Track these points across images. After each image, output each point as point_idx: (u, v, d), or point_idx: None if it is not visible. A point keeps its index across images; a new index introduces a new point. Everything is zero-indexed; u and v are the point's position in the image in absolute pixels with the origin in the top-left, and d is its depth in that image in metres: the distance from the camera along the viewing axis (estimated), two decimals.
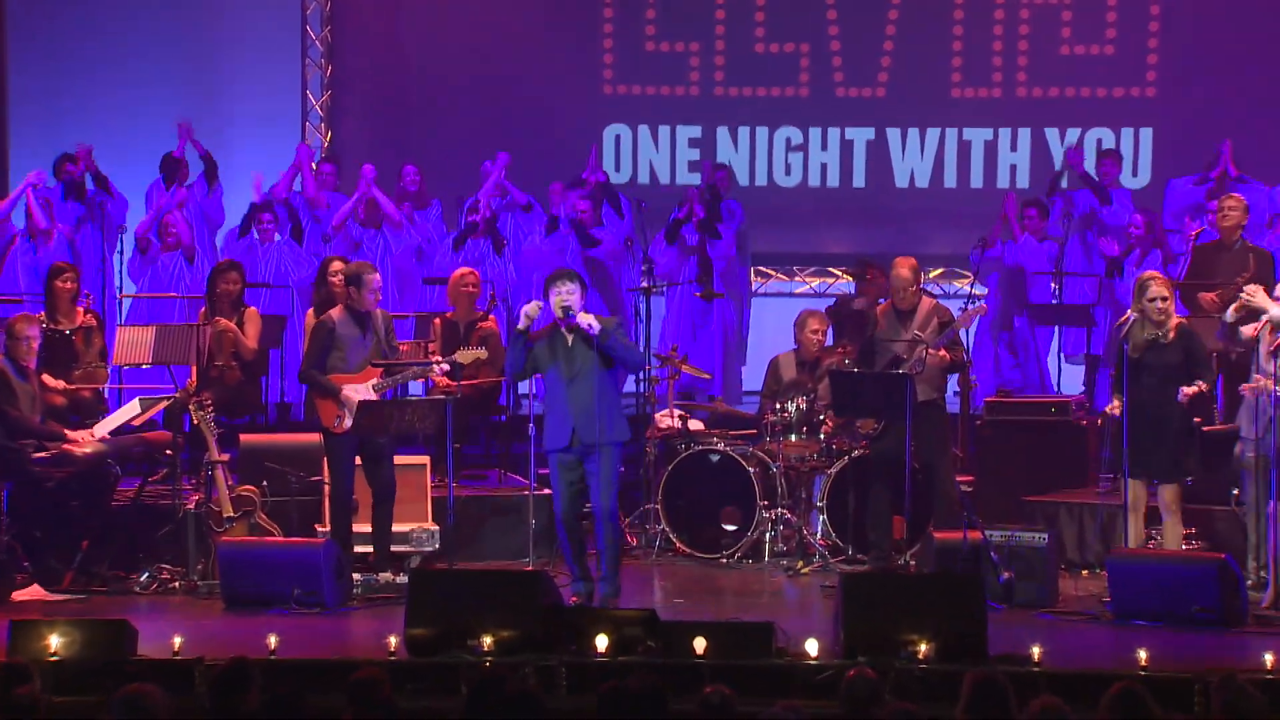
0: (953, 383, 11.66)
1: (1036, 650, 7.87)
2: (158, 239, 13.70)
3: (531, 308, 9.48)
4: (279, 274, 13.84)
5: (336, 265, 11.13)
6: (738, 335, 14.52)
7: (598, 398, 9.37)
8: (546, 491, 11.35)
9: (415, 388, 11.76)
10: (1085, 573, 10.72)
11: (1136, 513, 9.80)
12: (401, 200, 14.35)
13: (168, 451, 10.88)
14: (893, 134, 15.96)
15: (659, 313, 14.16)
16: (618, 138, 16.03)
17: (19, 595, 9.97)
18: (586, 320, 9.39)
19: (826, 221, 16.04)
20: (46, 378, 11.41)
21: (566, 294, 9.44)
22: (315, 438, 10.61)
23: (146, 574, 10.36)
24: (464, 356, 10.69)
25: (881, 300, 11.61)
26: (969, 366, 11.20)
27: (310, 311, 11.03)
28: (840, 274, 15.83)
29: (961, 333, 10.85)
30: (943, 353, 10.44)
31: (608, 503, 9.44)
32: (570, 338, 9.49)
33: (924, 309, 10.66)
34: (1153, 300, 9.80)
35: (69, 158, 14.01)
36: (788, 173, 16.09)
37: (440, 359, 10.52)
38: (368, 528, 10.35)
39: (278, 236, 13.98)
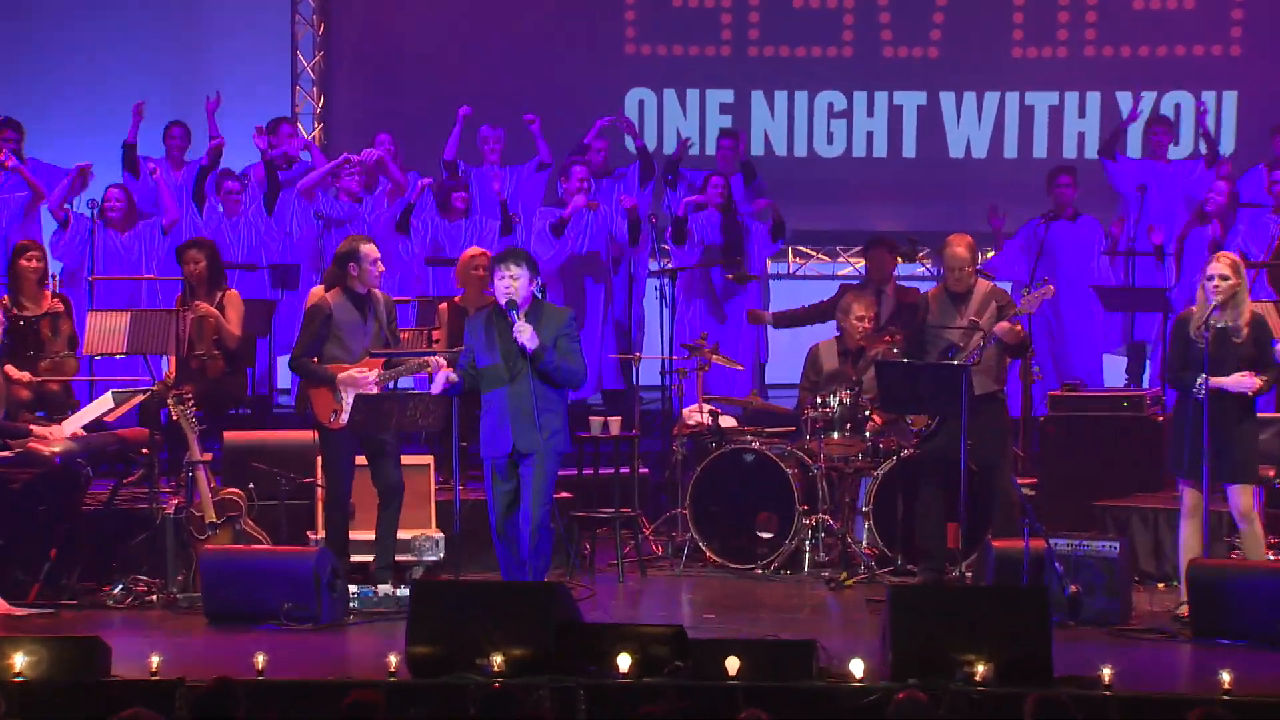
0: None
1: (1107, 672, 7.86)
2: (100, 217, 13.66)
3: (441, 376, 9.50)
4: (251, 252, 13.82)
5: (352, 236, 11.03)
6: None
7: (538, 403, 9.29)
8: (564, 495, 11.43)
9: (410, 380, 11.75)
10: (1162, 586, 10.70)
11: (1195, 518, 9.77)
12: (372, 173, 14.29)
13: (144, 450, 10.91)
14: (947, 98, 15.94)
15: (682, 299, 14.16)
16: (641, 103, 16.03)
17: None
18: (523, 336, 9.25)
19: (873, 196, 16.03)
20: (10, 369, 11.45)
21: (510, 280, 9.32)
22: (308, 435, 10.63)
23: (121, 586, 10.39)
24: None
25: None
26: (1032, 353, 11.14)
27: (317, 289, 10.97)
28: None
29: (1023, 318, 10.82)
30: (1017, 326, 10.37)
31: (539, 514, 9.34)
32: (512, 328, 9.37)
33: (980, 292, 10.63)
34: (1210, 278, 9.73)
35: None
36: (830, 142, 16.09)
37: (447, 350, 10.51)
38: (365, 535, 10.38)
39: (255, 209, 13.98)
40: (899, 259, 12.83)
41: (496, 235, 13.89)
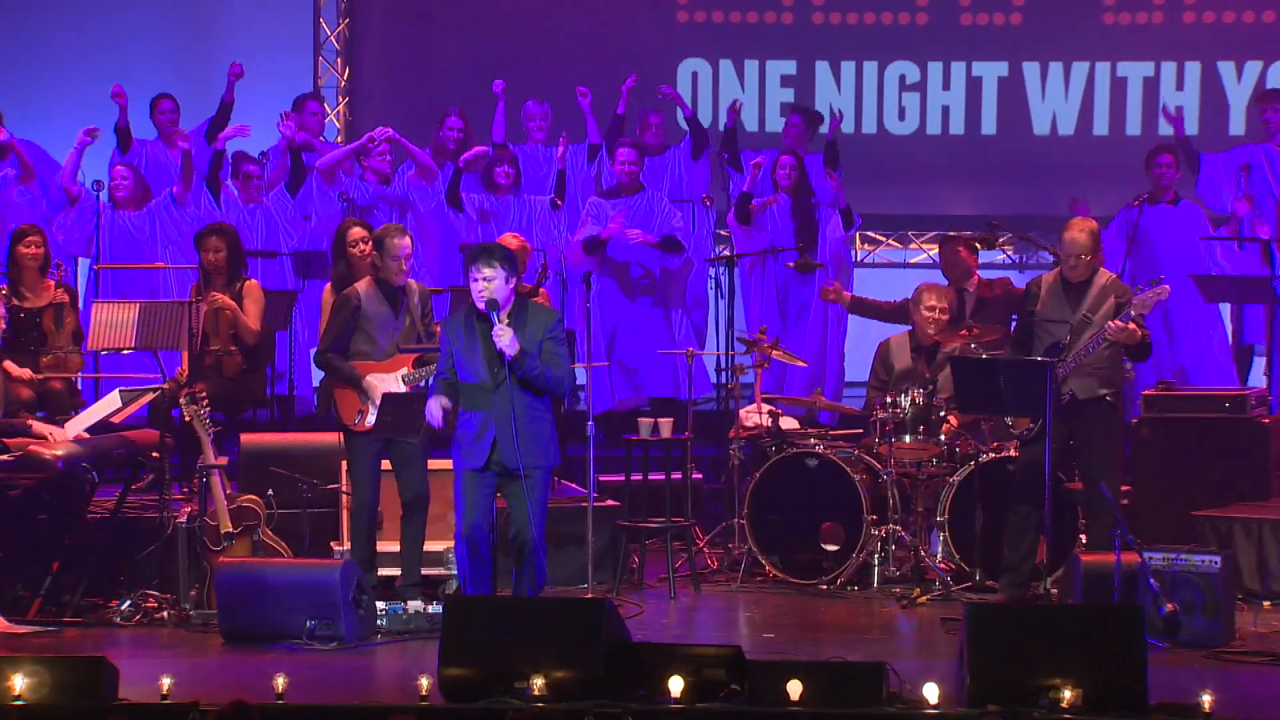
0: None
1: (1207, 699, 7.83)
2: (109, 198, 13.72)
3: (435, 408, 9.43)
4: (271, 239, 13.86)
5: (357, 231, 11.15)
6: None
7: (526, 413, 9.28)
8: (610, 503, 11.44)
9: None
10: (1268, 605, 10.65)
11: None
12: (439, 158, 14.27)
13: (154, 454, 10.95)
14: (1030, 70, 15.89)
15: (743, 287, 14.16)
16: (694, 74, 16.03)
17: None
18: (503, 340, 9.22)
19: (948, 177, 16.00)
20: (9, 365, 11.51)
21: (485, 283, 9.27)
22: (332, 438, 10.67)
23: (129, 602, 10.44)
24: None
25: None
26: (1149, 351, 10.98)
27: (328, 287, 11.07)
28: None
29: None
30: (1131, 325, 10.29)
31: (534, 532, 9.36)
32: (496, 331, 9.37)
33: (1099, 284, 10.55)
34: None
35: None
36: (902, 117, 16.06)
37: None
38: (394, 546, 10.41)
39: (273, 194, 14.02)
40: (977, 249, 12.77)
41: (548, 214, 13.90)
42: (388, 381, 10.19)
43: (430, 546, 10.51)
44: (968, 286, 12.47)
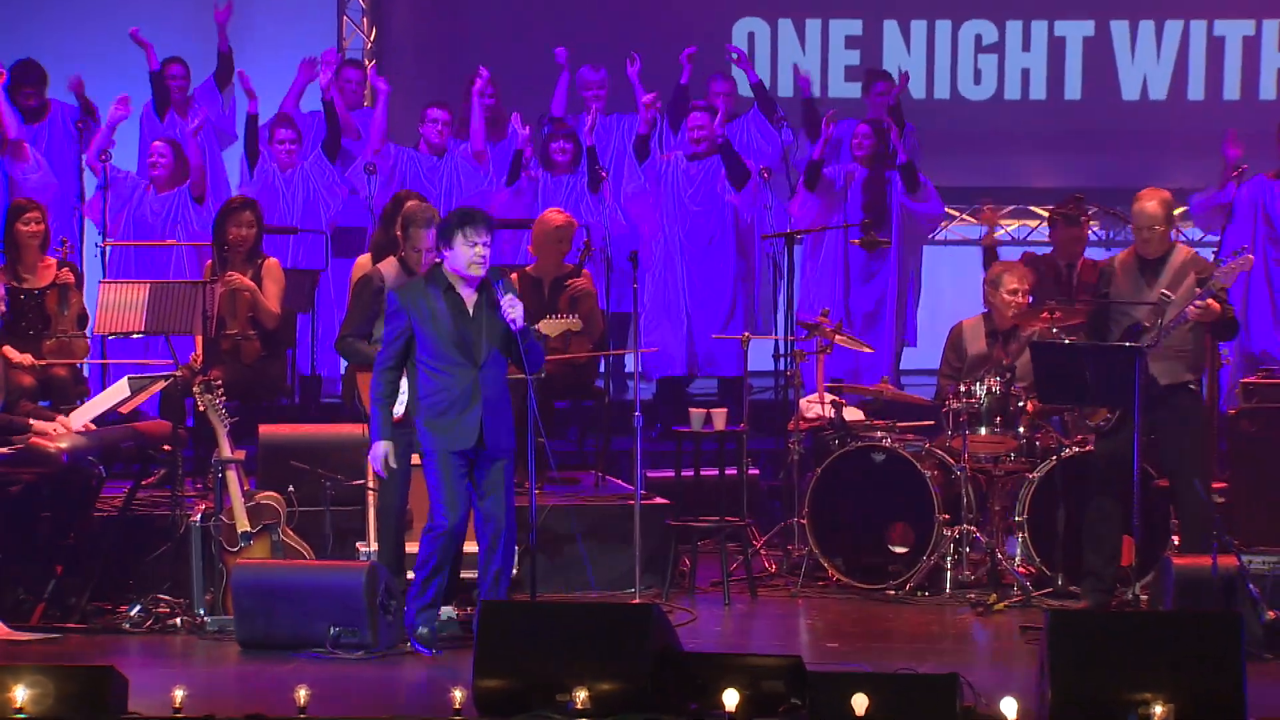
0: None
1: None
2: (141, 174, 13.79)
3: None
4: (308, 212, 13.88)
5: (414, 204, 11.10)
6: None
7: (502, 393, 9.51)
8: (658, 500, 11.45)
9: None
10: None
11: None
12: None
13: (166, 447, 10.99)
14: (1119, 29, 15.85)
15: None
16: (751, 35, 16.03)
17: None
18: (515, 312, 9.35)
19: (1029, 146, 15.97)
20: (9, 350, 11.57)
21: (485, 248, 9.43)
22: (357, 430, 10.69)
23: (139, 607, 10.49)
24: (549, 327, 10.72)
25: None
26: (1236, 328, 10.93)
27: (363, 259, 11.06)
28: (1047, 215, 15.73)
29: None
30: (1210, 301, 10.26)
31: (508, 517, 9.59)
32: (472, 303, 9.46)
33: (1177, 260, 10.52)
34: None
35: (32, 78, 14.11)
36: (977, 81, 16.03)
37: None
38: None
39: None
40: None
41: (583, 191, 13.89)
42: None
43: (465, 548, 10.51)
44: (1077, 266, 12.46)
